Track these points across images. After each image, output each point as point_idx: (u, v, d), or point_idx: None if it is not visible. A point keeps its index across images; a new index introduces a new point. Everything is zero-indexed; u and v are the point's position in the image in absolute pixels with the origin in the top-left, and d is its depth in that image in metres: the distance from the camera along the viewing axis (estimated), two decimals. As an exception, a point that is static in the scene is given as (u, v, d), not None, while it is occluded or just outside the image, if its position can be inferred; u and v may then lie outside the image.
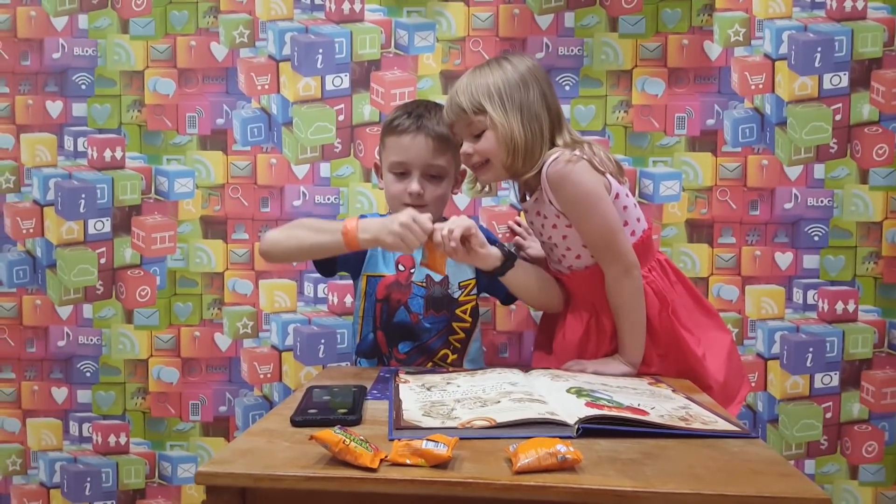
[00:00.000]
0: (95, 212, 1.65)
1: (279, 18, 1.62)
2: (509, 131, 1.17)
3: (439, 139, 1.29)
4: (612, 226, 1.16)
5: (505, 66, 1.21)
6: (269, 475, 0.72)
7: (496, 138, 1.18)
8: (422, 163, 1.30)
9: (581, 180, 1.15)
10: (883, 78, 1.56)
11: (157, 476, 1.67)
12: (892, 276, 1.59)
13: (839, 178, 1.59)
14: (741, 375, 1.31)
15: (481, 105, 1.18)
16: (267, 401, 1.66)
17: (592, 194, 1.15)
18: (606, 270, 1.19)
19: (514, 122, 1.17)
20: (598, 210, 1.16)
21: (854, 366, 1.60)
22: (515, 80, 1.19)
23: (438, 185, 1.32)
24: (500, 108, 1.17)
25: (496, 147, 1.19)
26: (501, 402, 0.92)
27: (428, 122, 1.30)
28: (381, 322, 1.35)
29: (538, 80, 1.21)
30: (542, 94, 1.20)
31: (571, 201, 1.16)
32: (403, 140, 1.30)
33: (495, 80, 1.19)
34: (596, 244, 1.19)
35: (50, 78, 1.64)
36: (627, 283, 1.17)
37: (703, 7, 1.58)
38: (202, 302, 1.66)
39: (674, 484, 0.69)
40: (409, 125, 1.30)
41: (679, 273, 1.31)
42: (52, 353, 1.67)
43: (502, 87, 1.18)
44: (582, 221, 1.17)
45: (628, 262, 1.17)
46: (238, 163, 1.64)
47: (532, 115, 1.18)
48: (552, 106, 1.22)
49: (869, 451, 1.60)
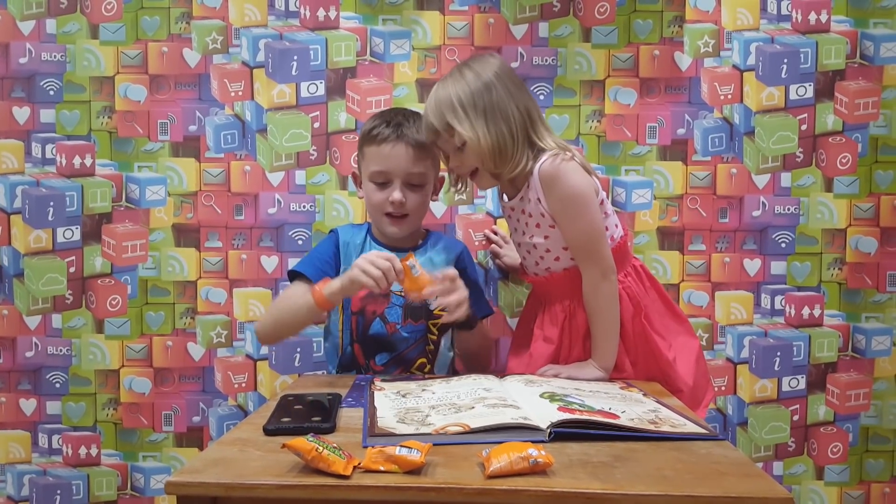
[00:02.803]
0: (64, 220, 1.62)
1: (253, 25, 1.61)
2: (477, 139, 1.18)
3: (419, 147, 1.30)
4: (597, 228, 1.19)
5: (465, 73, 1.21)
6: (242, 484, 0.71)
7: (470, 149, 1.20)
8: (403, 171, 1.30)
9: (574, 180, 1.18)
10: (846, 89, 1.61)
11: (129, 488, 1.64)
12: (856, 282, 1.63)
13: (805, 186, 1.63)
14: (707, 380, 1.34)
15: (448, 122, 1.20)
16: (241, 410, 1.64)
17: (583, 195, 1.18)
18: (585, 273, 1.20)
19: (479, 129, 1.18)
20: (586, 211, 1.18)
21: (820, 369, 1.64)
22: (477, 87, 1.19)
23: (419, 192, 1.33)
24: (466, 120, 1.19)
25: (477, 156, 1.21)
26: (475, 408, 0.93)
27: (407, 131, 1.30)
28: (356, 334, 1.34)
29: (501, 79, 1.20)
30: (507, 91, 1.20)
31: (562, 200, 1.18)
32: (383, 149, 1.30)
33: (457, 92, 1.19)
34: (579, 246, 1.20)
35: (17, 83, 1.61)
36: (605, 287, 1.19)
37: (673, 19, 1.61)
38: (174, 311, 1.64)
39: (643, 486, 0.70)
40: (388, 134, 1.30)
41: (653, 279, 1.34)
42: (21, 364, 1.63)
43: (463, 97, 1.19)
44: (569, 221, 1.19)
45: (607, 266, 1.19)
46: (211, 170, 1.63)
47: (499, 116, 1.19)
48: (520, 102, 1.21)
49: (834, 452, 1.64)
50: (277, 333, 1.35)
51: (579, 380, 1.17)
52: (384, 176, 1.31)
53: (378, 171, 1.31)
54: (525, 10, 1.61)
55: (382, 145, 1.30)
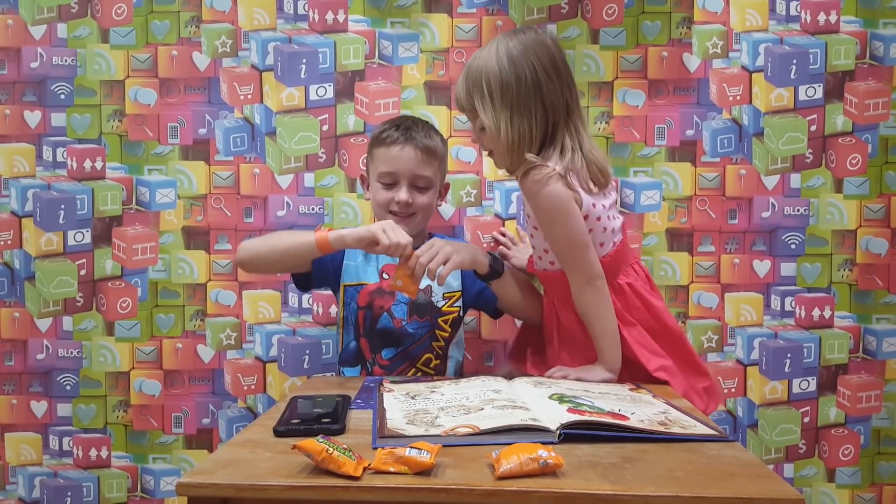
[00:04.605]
0: (75, 223, 1.63)
1: (262, 28, 1.62)
2: (497, 130, 1.17)
3: (426, 151, 1.35)
4: (577, 239, 1.18)
5: (502, 53, 1.16)
6: (252, 485, 0.71)
7: (488, 135, 1.21)
8: (410, 173, 1.34)
9: (551, 194, 1.15)
10: (856, 90, 1.60)
11: (139, 490, 1.65)
12: (867, 283, 1.62)
13: (815, 187, 1.62)
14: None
15: (473, 106, 1.20)
16: (251, 412, 1.64)
17: (560, 209, 1.16)
18: (570, 280, 1.22)
19: (502, 120, 1.16)
20: (564, 224, 1.17)
21: (831, 371, 1.62)
22: (509, 75, 1.15)
23: (425, 194, 1.37)
24: (490, 108, 1.17)
25: (494, 144, 1.22)
26: (485, 410, 0.93)
27: (416, 135, 1.35)
28: (364, 329, 1.36)
29: (538, 71, 1.16)
30: (536, 87, 1.15)
31: (540, 211, 1.20)
32: (392, 151, 1.35)
33: (488, 74, 1.16)
34: (560, 254, 1.22)
35: (28, 87, 1.62)
36: (589, 293, 1.20)
37: (682, 20, 1.61)
38: (185, 313, 1.64)
39: (653, 487, 0.70)
40: (397, 137, 1.35)
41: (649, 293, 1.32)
42: (31, 367, 1.64)
43: (493, 82, 1.16)
44: (548, 231, 1.21)
45: (591, 273, 1.19)
46: (221, 173, 1.64)
47: (522, 112, 1.16)
48: (549, 101, 1.17)
49: (845, 455, 1.63)
50: (260, 259, 1.29)
51: (588, 382, 1.16)
52: (391, 177, 1.35)
53: (386, 172, 1.35)
54: (533, 11, 1.61)
55: (391, 147, 1.35)
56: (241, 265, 1.31)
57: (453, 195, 1.62)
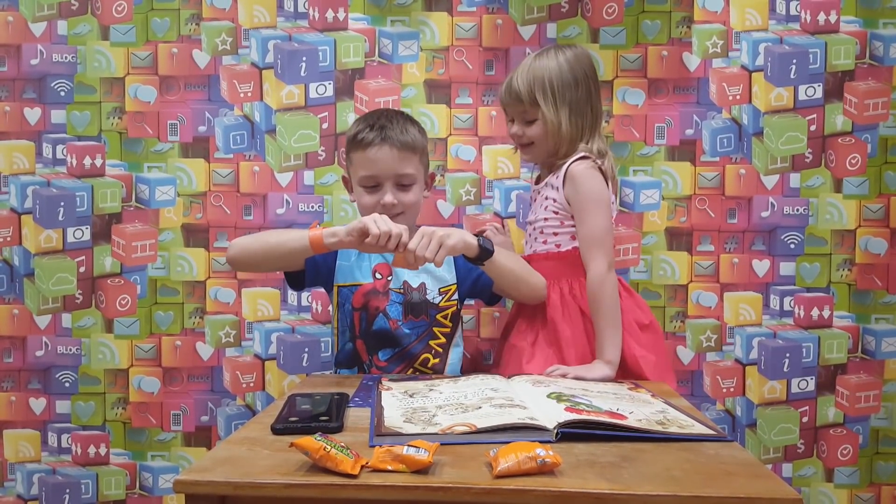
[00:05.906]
0: (74, 220, 1.63)
1: (262, 26, 1.62)
2: (557, 125, 1.31)
3: (405, 147, 1.31)
4: (609, 228, 1.31)
5: (563, 61, 1.33)
6: (250, 483, 0.71)
7: (545, 129, 1.32)
8: (391, 174, 1.30)
9: (594, 185, 1.30)
10: (855, 90, 1.60)
11: (137, 487, 1.65)
12: (866, 283, 1.62)
13: (814, 186, 1.62)
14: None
15: (536, 99, 1.31)
16: (250, 410, 1.65)
17: (604, 198, 1.31)
18: (593, 264, 1.28)
19: (563, 117, 1.31)
20: (604, 211, 1.30)
21: (829, 370, 1.63)
22: (568, 79, 1.32)
23: (410, 191, 1.33)
24: (552, 104, 1.31)
25: (544, 136, 1.33)
26: (482, 408, 0.93)
27: (391, 133, 1.30)
28: (359, 331, 1.34)
29: (588, 80, 1.34)
30: (588, 93, 1.34)
31: (587, 194, 1.30)
32: (369, 153, 1.30)
33: (551, 75, 1.31)
34: (591, 238, 1.30)
35: (28, 84, 1.62)
36: (610, 279, 1.27)
37: (682, 19, 1.61)
38: (184, 311, 1.64)
39: (651, 486, 0.70)
40: (373, 138, 1.30)
41: None
42: (30, 364, 1.64)
43: (556, 82, 1.31)
44: (588, 214, 1.30)
45: (612, 260, 1.30)
46: (220, 170, 1.64)
47: (578, 112, 1.32)
48: (594, 106, 1.36)
49: (844, 455, 1.63)
50: (249, 256, 1.26)
51: (587, 380, 1.17)
52: (373, 180, 1.31)
53: (367, 176, 1.31)
54: (533, 10, 1.61)
55: (368, 149, 1.30)
56: (230, 262, 1.28)
57: (453, 194, 1.62)
